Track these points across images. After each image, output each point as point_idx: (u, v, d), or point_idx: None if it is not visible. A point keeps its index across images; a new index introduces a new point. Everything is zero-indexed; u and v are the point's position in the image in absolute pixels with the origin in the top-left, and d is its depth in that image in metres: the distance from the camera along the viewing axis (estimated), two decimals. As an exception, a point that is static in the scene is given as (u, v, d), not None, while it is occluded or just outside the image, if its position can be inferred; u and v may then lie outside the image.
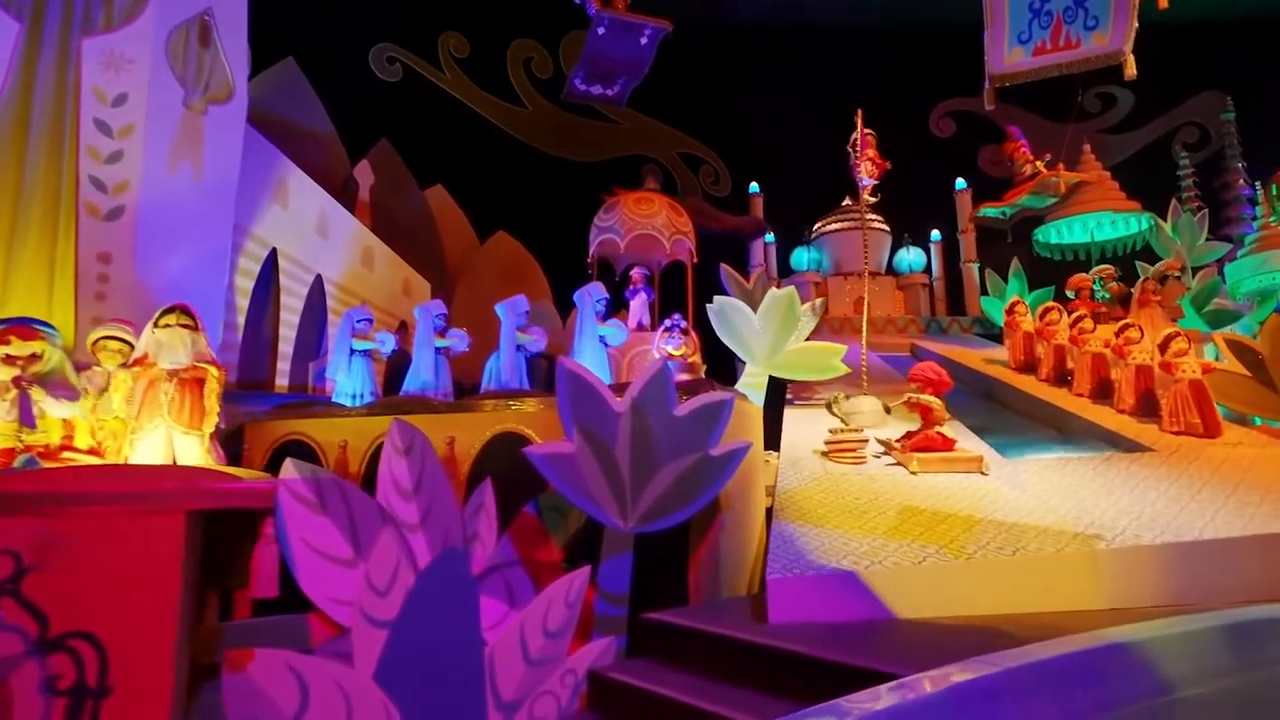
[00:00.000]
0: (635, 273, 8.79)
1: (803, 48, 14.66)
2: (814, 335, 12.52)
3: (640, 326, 8.73)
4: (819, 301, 8.00)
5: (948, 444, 5.75)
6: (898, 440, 6.03)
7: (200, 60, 6.36)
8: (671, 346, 6.20)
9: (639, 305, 8.73)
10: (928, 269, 13.97)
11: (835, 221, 13.82)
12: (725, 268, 9.20)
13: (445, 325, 6.88)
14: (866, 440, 6.04)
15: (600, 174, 11.31)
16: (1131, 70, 5.49)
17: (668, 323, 6.42)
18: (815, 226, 14.22)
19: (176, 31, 6.24)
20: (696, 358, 6.47)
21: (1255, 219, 11.58)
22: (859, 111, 7.14)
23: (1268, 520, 4.53)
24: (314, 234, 8.47)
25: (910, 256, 13.82)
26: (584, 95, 10.29)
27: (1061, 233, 11.79)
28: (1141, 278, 10.25)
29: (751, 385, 7.55)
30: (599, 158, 12.04)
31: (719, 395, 4.72)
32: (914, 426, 6.05)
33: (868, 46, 14.68)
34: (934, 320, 13.17)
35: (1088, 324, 8.22)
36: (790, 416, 7.55)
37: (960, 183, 13.69)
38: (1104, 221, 11.47)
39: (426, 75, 10.49)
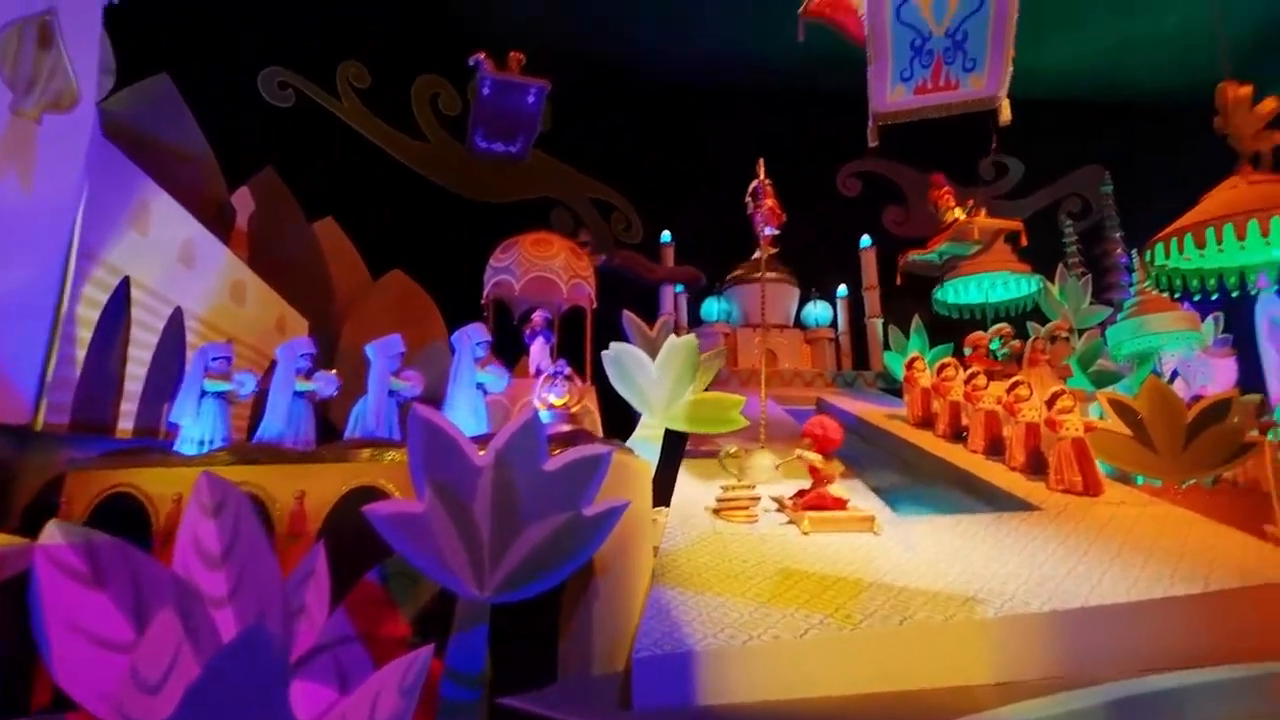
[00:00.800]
0: (536, 316, 8.40)
1: (718, 105, 14.89)
2: (723, 387, 12.37)
3: (539, 373, 8.29)
4: (720, 350, 7.77)
5: (839, 503, 5.52)
6: (790, 498, 5.76)
7: (37, 63, 5.70)
8: (553, 395, 5.79)
9: (538, 350, 8.32)
10: (834, 323, 14.14)
11: (745, 273, 13.86)
12: (628, 314, 8.93)
13: (312, 366, 6.27)
14: (759, 497, 5.75)
15: (506, 215, 10.94)
16: (1006, 115, 5.60)
17: (551, 369, 6.02)
18: (726, 277, 14.25)
19: (8, 30, 5.58)
20: (583, 407, 6.08)
21: (1132, 285, 12.23)
22: (760, 161, 7.07)
23: (1150, 585, 4.44)
24: (176, 263, 7.72)
25: (817, 310, 13.98)
26: (487, 152, 10.53)
27: (959, 292, 12.13)
28: (1032, 337, 10.58)
29: (647, 438, 7.20)
30: (506, 199, 11.69)
31: (594, 449, 4.32)
32: (808, 484, 5.82)
33: (779, 107, 15.04)
34: (840, 374, 13.26)
35: (981, 380, 8.31)
36: (686, 471, 7.23)
37: (865, 240, 14.02)
38: (997, 282, 11.87)
39: (322, 103, 9.95)
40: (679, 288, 13.98)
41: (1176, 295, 8.89)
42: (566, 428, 5.58)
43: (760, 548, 5.14)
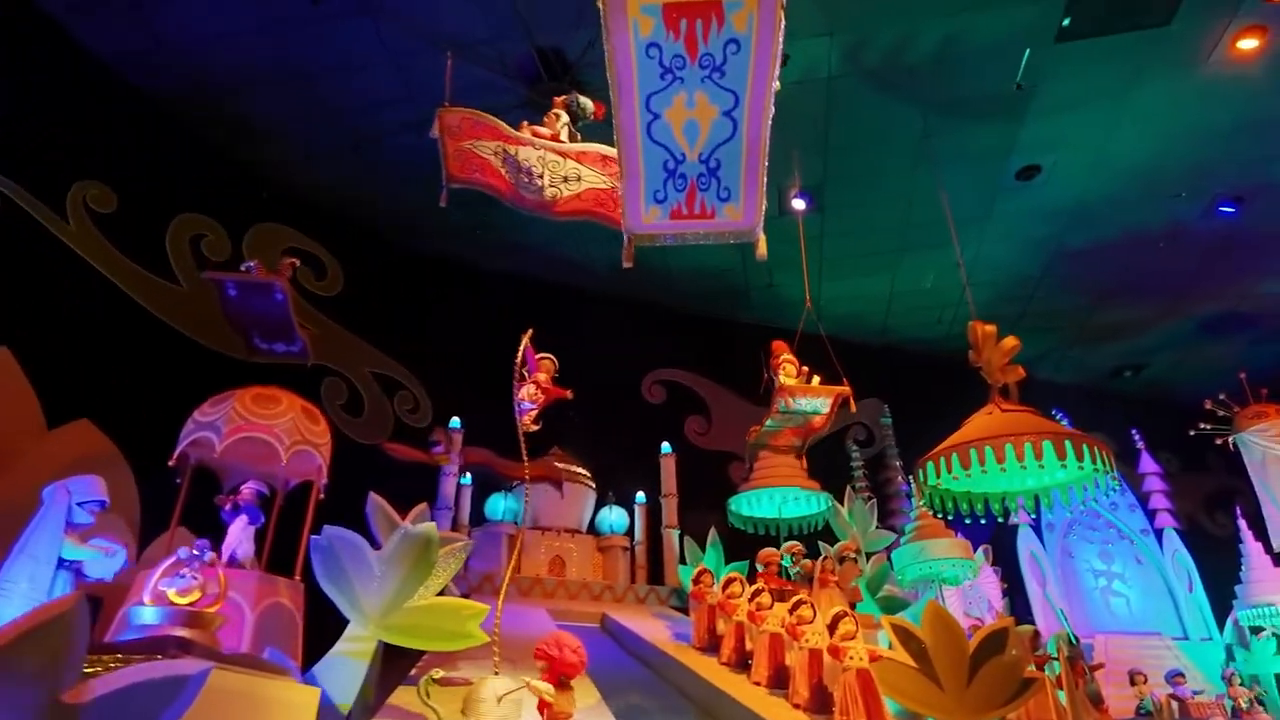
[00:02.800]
0: (246, 487, 6.68)
1: (527, 298, 14.66)
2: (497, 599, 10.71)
3: (232, 560, 6.43)
4: (466, 544, 6.41)
5: None
6: (514, 745, 4.29)
7: None
8: (174, 588, 4.14)
9: (238, 531, 6.51)
10: (630, 532, 13.17)
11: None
12: (375, 496, 7.46)
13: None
14: (466, 745, 4.23)
15: (265, 377, 9.32)
16: (762, 250, 5.33)
17: (181, 552, 4.40)
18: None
19: None
20: (218, 608, 4.41)
21: (913, 511, 12.51)
22: (529, 332, 6.36)
23: None
24: None
25: (613, 517, 13.00)
26: (269, 354, 9.63)
27: (752, 504, 11.73)
28: (822, 556, 10.17)
29: (349, 654, 5.50)
30: (271, 360, 10.12)
31: (174, 668, 2.80)
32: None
33: (593, 308, 15.09)
34: (631, 589, 12.05)
35: (765, 599, 7.51)
36: (402, 702, 5.50)
37: (666, 447, 13.62)
38: (788, 497, 11.63)
39: (39, 218, 8.37)
40: (465, 479, 12.58)
41: (949, 517, 8.88)
42: (181, 633, 3.90)
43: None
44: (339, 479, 8.10)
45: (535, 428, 6.33)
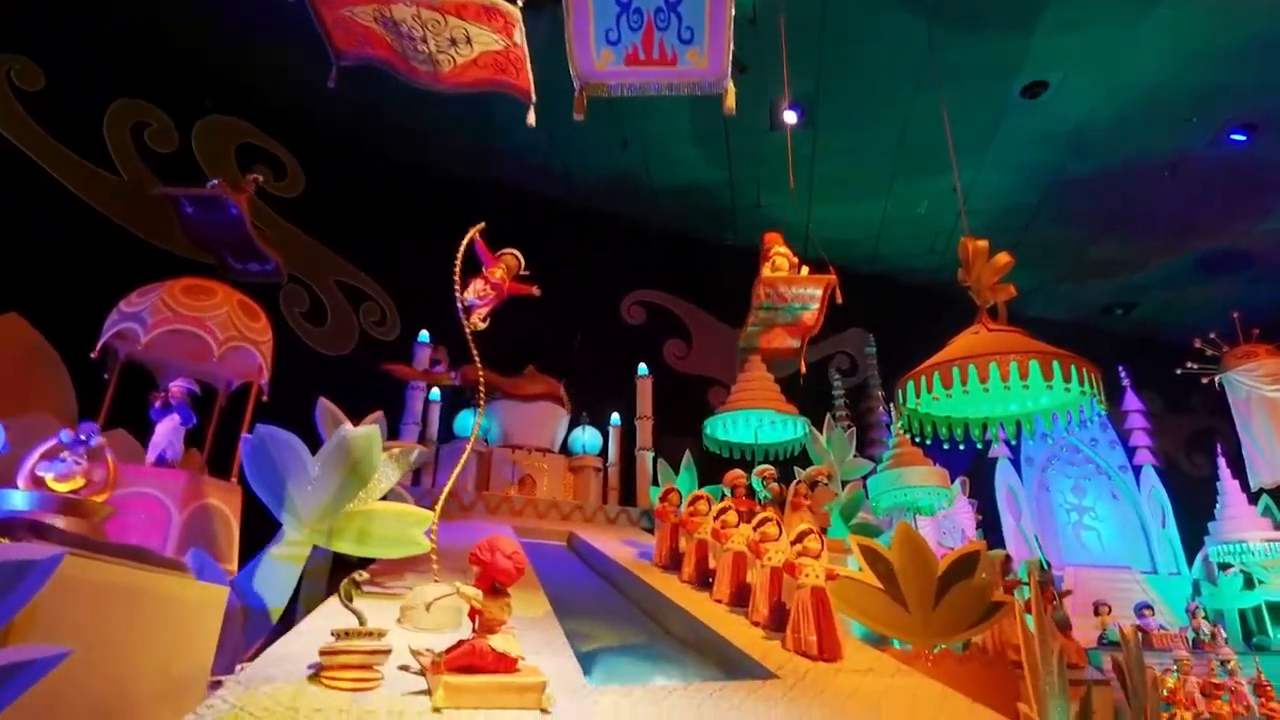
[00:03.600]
0: (175, 385, 6.23)
1: (509, 210, 13.89)
2: (468, 516, 10.48)
3: (160, 460, 6.04)
4: (411, 448, 6.03)
5: (503, 663, 3.83)
6: (443, 652, 3.97)
7: None
8: (51, 472, 3.73)
9: (167, 431, 6.10)
10: (604, 453, 12.91)
11: (507, 387, 12.42)
12: (324, 401, 7.04)
13: None
14: (386, 650, 3.91)
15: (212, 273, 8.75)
16: (730, 102, 4.78)
17: (63, 434, 3.97)
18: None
19: None
20: (106, 497, 4.01)
21: (891, 439, 12.28)
22: (479, 225, 5.82)
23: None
24: None
25: (585, 437, 12.71)
26: (245, 274, 9.15)
27: (727, 427, 11.44)
28: (795, 480, 9.92)
29: (282, 557, 5.17)
30: (247, 280, 9.58)
31: (22, 551, 2.39)
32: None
33: (574, 224, 14.45)
34: (602, 509, 11.86)
35: (731, 517, 7.23)
36: (333, 612, 5.15)
37: (643, 369, 13.23)
38: (764, 421, 11.33)
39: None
40: (434, 394, 12.19)
41: (928, 443, 8.58)
42: (56, 520, 3.50)
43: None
44: (298, 391, 7.64)
45: (483, 325, 5.85)
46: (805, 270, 9.95)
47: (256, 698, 3.42)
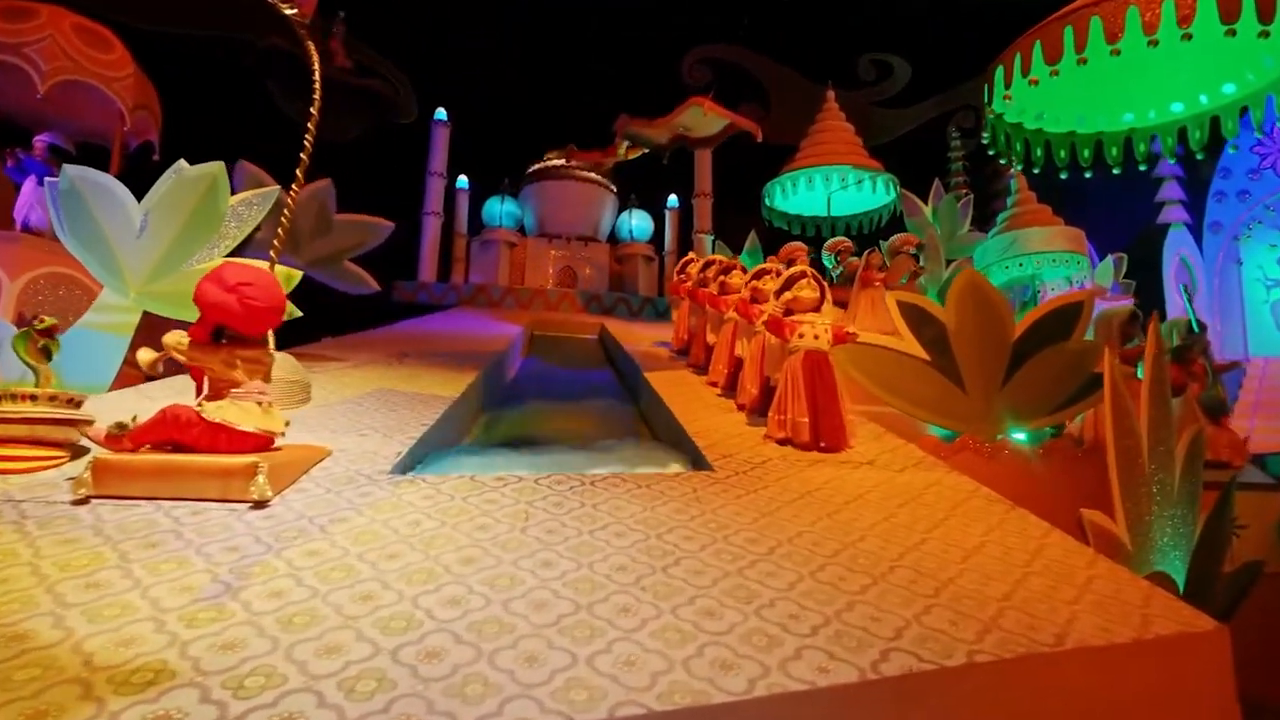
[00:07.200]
0: (38, 140, 5.20)
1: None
2: (496, 310, 9.43)
3: (26, 227, 5.17)
4: (269, 191, 4.68)
5: (227, 439, 2.58)
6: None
7: None
8: None
9: (29, 192, 5.16)
10: (658, 240, 11.25)
11: (546, 169, 10.84)
12: (246, 164, 5.90)
13: None
14: (88, 421, 2.78)
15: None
16: None
17: None
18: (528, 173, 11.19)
19: None
20: None
21: (1011, 198, 9.58)
22: None
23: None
24: None
25: (634, 222, 11.02)
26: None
27: (789, 192, 9.25)
28: (868, 251, 7.85)
29: (103, 326, 4.18)
30: (209, 29, 8.42)
31: None
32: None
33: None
34: (652, 301, 10.42)
35: (769, 283, 5.43)
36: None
37: (703, 137, 11.06)
38: (839, 182, 9.01)
39: None
40: (461, 183, 10.86)
41: (1035, 169, 6.15)
42: None
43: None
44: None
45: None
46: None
47: None
